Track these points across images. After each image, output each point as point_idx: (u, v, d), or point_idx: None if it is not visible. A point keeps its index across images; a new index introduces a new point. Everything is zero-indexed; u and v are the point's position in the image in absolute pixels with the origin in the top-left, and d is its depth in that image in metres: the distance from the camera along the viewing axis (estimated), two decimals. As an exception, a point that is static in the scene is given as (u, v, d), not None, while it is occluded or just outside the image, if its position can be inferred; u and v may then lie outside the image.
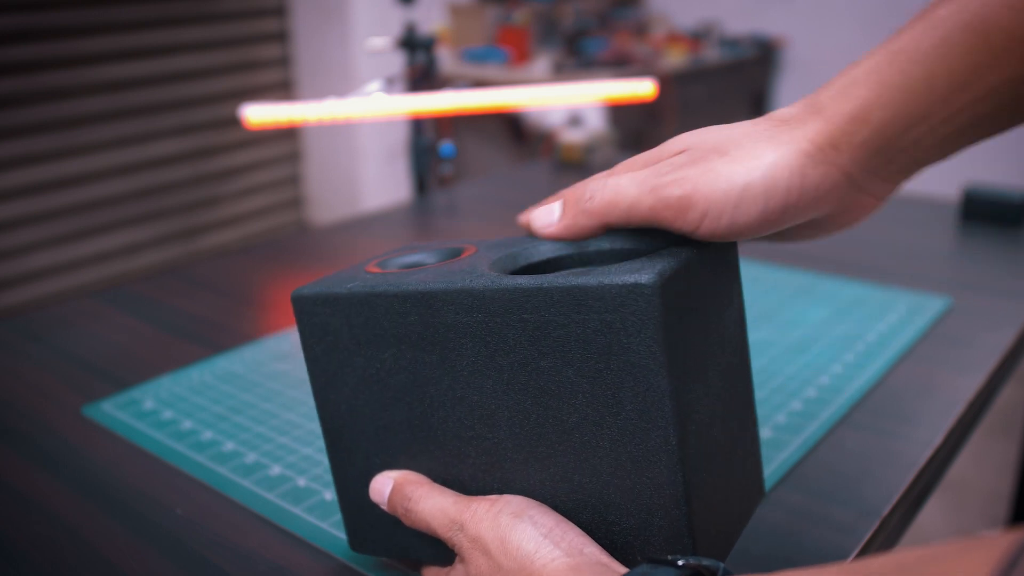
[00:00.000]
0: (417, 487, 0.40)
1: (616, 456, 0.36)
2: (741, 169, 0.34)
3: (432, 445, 0.41)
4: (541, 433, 0.37)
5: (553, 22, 3.18)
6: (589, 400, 0.35)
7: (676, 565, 0.32)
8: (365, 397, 0.42)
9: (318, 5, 2.79)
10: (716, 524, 0.38)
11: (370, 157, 2.89)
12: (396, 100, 1.16)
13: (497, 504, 0.37)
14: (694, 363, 0.36)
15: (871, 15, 3.15)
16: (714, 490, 0.37)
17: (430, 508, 0.39)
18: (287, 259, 0.97)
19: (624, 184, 0.36)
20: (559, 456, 0.37)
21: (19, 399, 0.66)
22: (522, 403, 0.37)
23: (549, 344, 0.35)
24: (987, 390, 0.69)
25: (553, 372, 0.36)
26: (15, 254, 2.34)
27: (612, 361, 0.34)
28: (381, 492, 0.42)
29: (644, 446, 0.35)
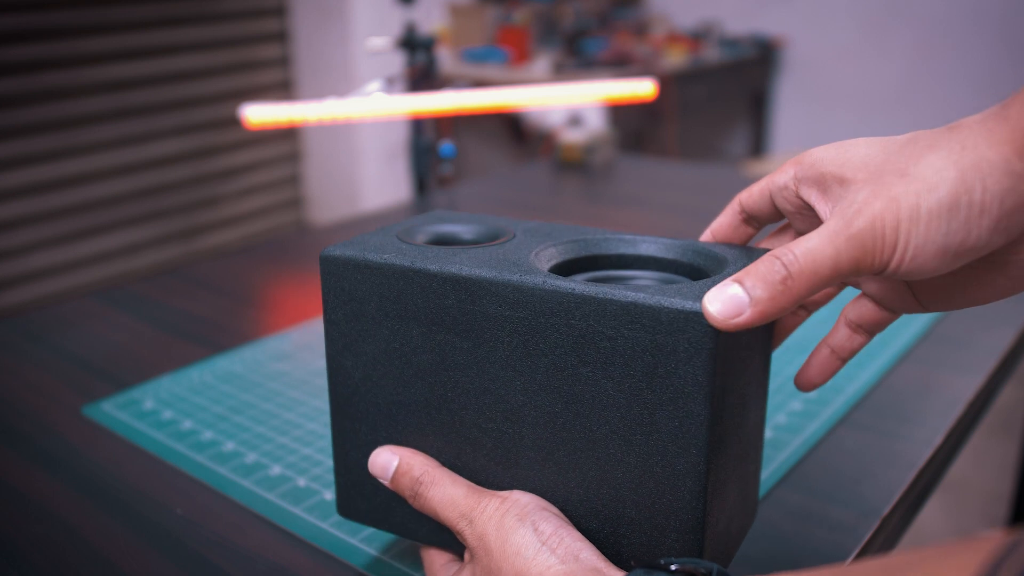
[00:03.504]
0: (430, 470, 0.40)
1: (640, 473, 0.35)
2: (924, 187, 0.30)
3: (447, 429, 0.40)
4: (566, 438, 0.37)
5: (553, 22, 3.18)
6: (623, 415, 0.35)
7: (670, 570, 0.32)
8: (383, 369, 0.41)
9: (318, 5, 2.79)
10: (719, 546, 0.38)
11: (370, 157, 2.89)
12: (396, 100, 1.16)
13: (506, 503, 0.37)
14: (731, 395, 0.35)
15: (871, 15, 3.15)
16: (721, 513, 0.37)
17: (441, 496, 0.39)
18: (287, 259, 0.97)
19: (814, 245, 0.31)
20: (579, 463, 0.37)
21: (19, 399, 0.66)
22: (552, 406, 0.37)
23: (593, 353, 0.35)
24: (987, 390, 0.69)
25: (591, 381, 0.35)
26: (15, 254, 2.34)
27: (656, 381, 0.34)
28: (385, 467, 0.41)
29: (671, 469, 0.35)
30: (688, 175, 1.29)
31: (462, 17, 2.99)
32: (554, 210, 1.12)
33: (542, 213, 1.11)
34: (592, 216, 1.09)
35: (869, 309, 0.38)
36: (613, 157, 1.38)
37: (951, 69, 3.03)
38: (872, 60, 3.19)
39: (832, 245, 0.31)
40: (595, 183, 1.26)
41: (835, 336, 0.39)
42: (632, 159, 1.40)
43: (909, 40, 3.10)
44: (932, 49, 3.06)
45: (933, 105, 3.08)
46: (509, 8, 3.07)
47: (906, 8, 3.08)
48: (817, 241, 0.31)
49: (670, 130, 2.96)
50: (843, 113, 3.30)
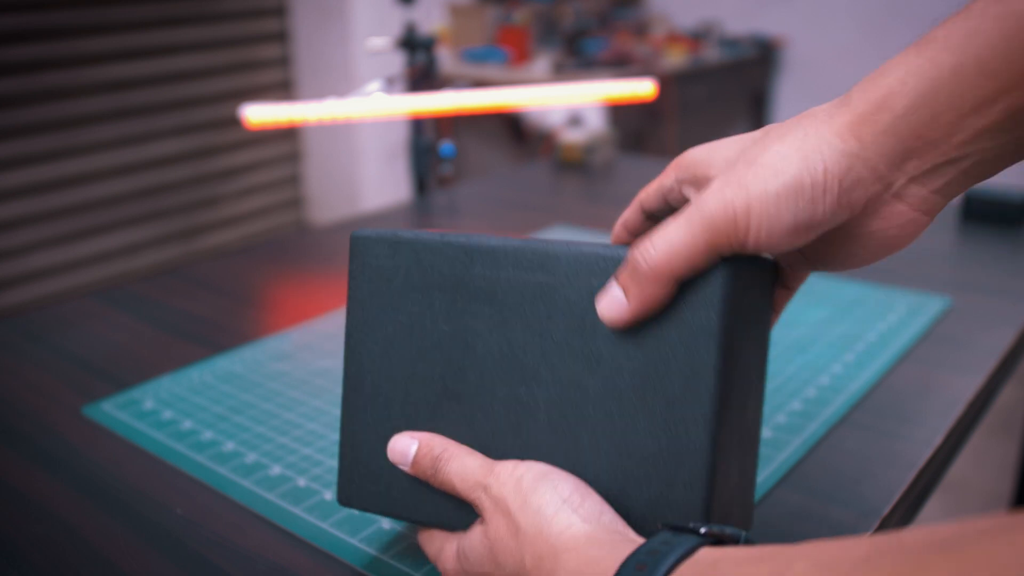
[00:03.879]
0: (449, 447, 0.41)
1: (651, 427, 0.36)
2: (770, 173, 0.34)
3: (461, 401, 0.41)
4: (580, 398, 0.38)
5: (553, 22, 3.18)
6: (639, 367, 0.37)
7: (698, 532, 0.32)
8: (402, 343, 0.42)
9: (318, 5, 2.79)
10: (723, 512, 0.38)
11: (370, 157, 2.89)
12: (396, 100, 1.16)
13: (520, 468, 0.38)
14: (737, 358, 0.37)
15: (871, 15, 3.15)
16: (726, 481, 0.38)
17: (459, 468, 0.39)
18: (287, 259, 0.97)
19: (670, 231, 0.35)
20: (592, 423, 0.38)
21: (19, 399, 0.66)
22: (570, 367, 0.38)
23: None
24: (987, 390, 0.69)
25: (610, 339, 0.37)
26: (15, 254, 2.34)
27: (670, 331, 0.36)
28: (404, 452, 0.41)
29: (682, 419, 0.36)
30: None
31: (462, 17, 2.99)
32: (554, 210, 1.12)
33: (542, 213, 1.11)
34: (592, 216, 1.09)
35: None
36: (613, 157, 1.38)
37: (951, 69, 3.03)
38: (872, 60, 3.19)
39: (688, 231, 0.34)
40: (595, 183, 1.26)
41: None
42: (632, 159, 1.40)
43: (909, 40, 3.09)
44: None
45: (933, 105, 3.08)
46: (509, 8, 3.07)
47: (906, 8, 3.08)
48: (673, 228, 0.35)
49: (670, 130, 2.96)
50: (843, 113, 3.30)
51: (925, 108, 0.32)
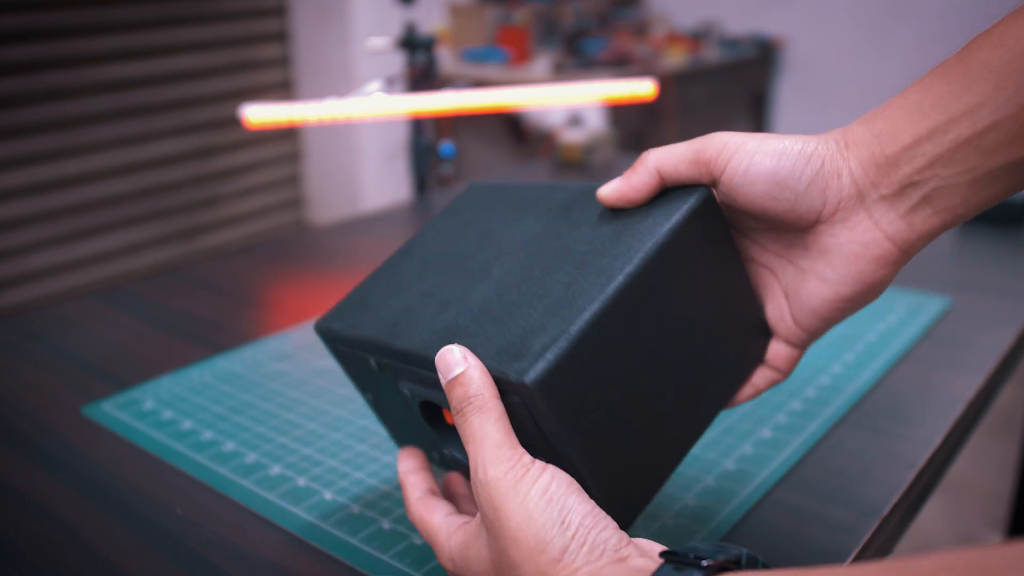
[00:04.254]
0: (484, 394, 0.36)
1: (560, 280, 0.39)
2: (765, 141, 0.39)
3: (457, 272, 0.46)
4: (537, 260, 0.42)
5: (553, 22, 3.18)
6: (590, 246, 0.40)
7: (700, 565, 0.31)
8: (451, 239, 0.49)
9: (318, 5, 2.79)
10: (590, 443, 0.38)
11: (370, 157, 2.89)
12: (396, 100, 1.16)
13: (531, 473, 0.35)
14: (671, 298, 0.39)
15: (871, 15, 3.15)
16: (593, 399, 0.37)
17: (479, 426, 0.36)
18: (287, 259, 0.97)
19: (673, 144, 0.41)
20: (528, 275, 0.41)
21: (19, 399, 0.66)
22: (536, 241, 0.44)
23: (585, 213, 0.43)
24: (987, 390, 0.69)
25: (580, 224, 0.43)
26: (15, 254, 2.34)
27: (628, 228, 0.40)
28: (450, 366, 0.37)
29: (585, 285, 0.38)
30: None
31: (462, 17, 2.99)
32: (554, 210, 1.12)
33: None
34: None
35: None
36: (613, 157, 1.38)
37: (951, 69, 3.03)
38: (872, 60, 3.19)
39: (684, 144, 0.40)
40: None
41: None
42: (632, 159, 1.40)
43: (909, 40, 3.10)
44: (932, 49, 3.06)
45: (933, 105, 3.08)
46: (509, 8, 3.07)
47: (906, 8, 3.08)
48: (676, 144, 0.41)
49: (670, 130, 2.96)
50: (843, 113, 3.30)
51: (892, 130, 0.36)
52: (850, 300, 0.39)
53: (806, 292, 0.40)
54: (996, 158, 0.34)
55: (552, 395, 0.35)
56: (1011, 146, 0.34)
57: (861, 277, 0.38)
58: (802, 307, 0.41)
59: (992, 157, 0.34)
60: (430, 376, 0.41)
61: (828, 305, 0.40)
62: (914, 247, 0.38)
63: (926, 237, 0.37)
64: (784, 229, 0.41)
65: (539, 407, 0.35)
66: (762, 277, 0.43)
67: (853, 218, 0.37)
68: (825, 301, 0.40)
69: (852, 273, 0.39)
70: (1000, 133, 0.34)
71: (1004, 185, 0.35)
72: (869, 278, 0.38)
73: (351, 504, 0.53)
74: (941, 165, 0.35)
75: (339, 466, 0.57)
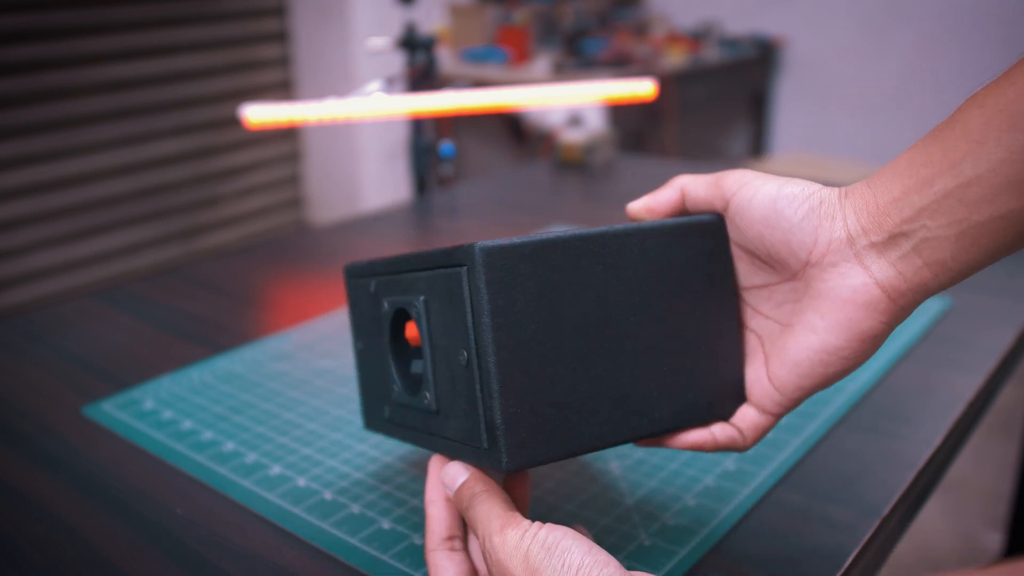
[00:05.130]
0: (488, 488, 0.40)
1: None
2: (777, 179, 0.42)
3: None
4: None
5: (553, 22, 3.18)
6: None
7: None
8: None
9: (318, 5, 2.79)
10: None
11: (370, 157, 2.89)
12: (396, 100, 1.16)
13: (526, 538, 0.37)
14: (648, 286, 0.41)
15: (871, 15, 3.15)
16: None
17: (483, 508, 0.39)
18: (287, 259, 0.98)
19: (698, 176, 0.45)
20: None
21: (19, 399, 0.66)
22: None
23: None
24: (987, 390, 0.69)
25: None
26: (15, 254, 2.34)
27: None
28: (455, 478, 0.42)
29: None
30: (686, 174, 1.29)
31: (462, 17, 2.99)
32: (554, 210, 1.12)
33: (542, 213, 1.11)
34: (592, 216, 1.09)
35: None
36: (613, 157, 1.38)
37: (951, 69, 3.03)
38: (872, 60, 3.19)
39: (710, 174, 0.44)
40: (595, 183, 1.26)
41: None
42: (632, 159, 1.40)
43: (909, 40, 3.10)
44: (932, 49, 3.06)
45: (933, 105, 3.08)
46: (509, 8, 3.07)
47: (906, 8, 3.08)
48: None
49: (670, 130, 2.96)
50: (843, 113, 3.30)
51: (884, 184, 0.38)
52: (836, 352, 0.39)
53: (792, 345, 0.41)
54: (981, 211, 0.35)
55: (493, 270, 0.37)
56: (994, 200, 0.35)
57: (849, 324, 0.38)
58: (784, 363, 0.41)
59: (977, 210, 0.35)
60: (409, 280, 0.43)
61: (813, 357, 0.40)
62: (905, 299, 0.38)
63: (918, 291, 0.37)
64: (778, 270, 0.42)
65: (477, 277, 0.37)
66: (750, 343, 0.45)
67: (843, 264, 0.39)
68: (811, 352, 0.40)
69: (840, 320, 0.39)
70: (982, 187, 0.35)
71: (993, 242, 0.36)
72: (857, 326, 0.38)
73: (351, 504, 0.53)
74: (928, 216, 0.36)
75: (339, 466, 0.57)
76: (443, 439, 0.43)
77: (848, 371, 0.40)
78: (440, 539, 0.42)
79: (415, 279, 0.43)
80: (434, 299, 0.41)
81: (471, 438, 0.40)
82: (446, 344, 0.40)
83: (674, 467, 0.56)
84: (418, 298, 0.42)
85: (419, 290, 0.42)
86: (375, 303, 0.48)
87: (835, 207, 0.39)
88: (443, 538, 0.42)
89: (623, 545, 0.48)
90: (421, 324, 0.42)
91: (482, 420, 0.38)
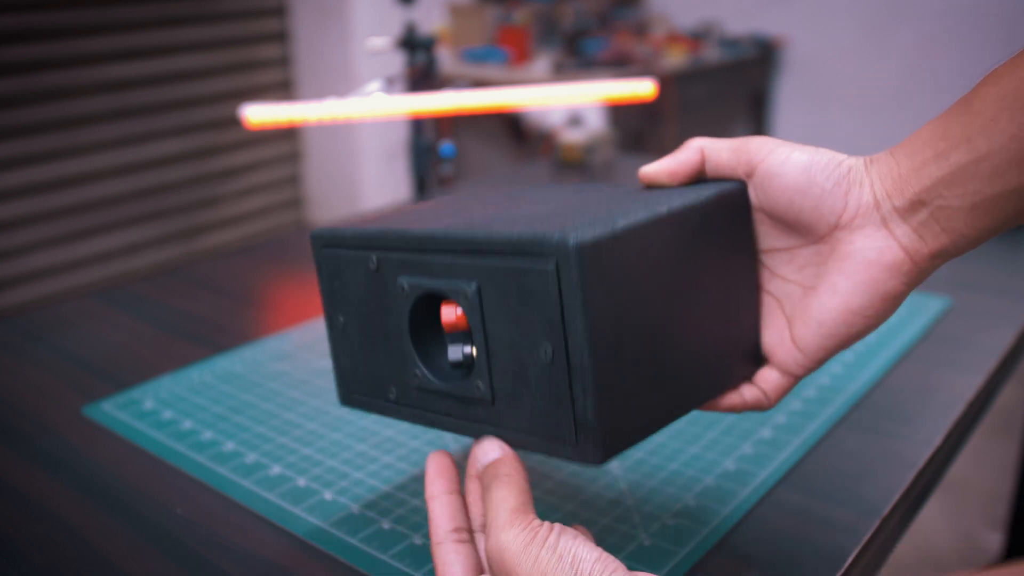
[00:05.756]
0: (515, 471, 0.40)
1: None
2: (802, 146, 0.42)
3: None
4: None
5: (553, 22, 3.18)
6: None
7: None
8: None
9: (318, 5, 2.79)
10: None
11: (370, 157, 2.89)
12: (396, 100, 1.16)
13: (535, 544, 0.36)
14: (693, 262, 0.41)
15: (871, 15, 3.15)
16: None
17: (499, 493, 0.39)
18: (287, 259, 0.97)
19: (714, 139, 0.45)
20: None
21: (19, 399, 0.66)
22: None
23: None
24: (987, 390, 0.69)
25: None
26: (15, 254, 2.34)
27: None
28: (486, 453, 0.41)
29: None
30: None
31: (462, 17, 2.99)
32: (554, 210, 1.12)
33: (542, 213, 1.11)
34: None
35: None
36: (613, 157, 1.38)
37: (951, 69, 3.03)
38: (872, 60, 3.19)
39: (729, 139, 0.44)
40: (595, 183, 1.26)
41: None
42: (632, 159, 1.40)
43: (909, 40, 3.10)
44: (932, 49, 3.06)
45: (933, 105, 3.08)
46: (509, 8, 3.07)
47: (906, 8, 3.08)
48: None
49: (670, 130, 2.96)
50: (843, 113, 3.30)
51: (906, 154, 0.40)
52: (860, 312, 0.40)
53: (816, 305, 0.42)
54: (993, 184, 0.37)
55: (587, 268, 0.36)
56: (1005, 175, 0.36)
57: (874, 285, 0.40)
58: (808, 324, 0.42)
59: (990, 183, 0.37)
60: (442, 262, 0.40)
61: (837, 317, 0.41)
62: (926, 262, 0.39)
63: (938, 255, 0.39)
64: (803, 234, 0.43)
65: (570, 275, 0.35)
66: (767, 306, 0.45)
67: (870, 226, 0.40)
68: (835, 312, 0.41)
69: (865, 280, 0.40)
70: (994, 161, 0.36)
71: (1004, 213, 0.38)
72: (881, 286, 0.40)
73: (351, 504, 0.53)
74: (944, 186, 0.38)
75: (339, 466, 0.57)
76: (493, 427, 0.41)
77: (869, 330, 0.41)
78: (446, 531, 0.41)
79: (455, 262, 0.40)
80: (493, 288, 0.39)
81: (549, 431, 0.38)
82: (512, 335, 0.39)
83: (674, 467, 0.56)
84: (469, 284, 0.39)
85: (465, 275, 0.40)
86: (377, 280, 0.45)
87: (862, 174, 0.40)
88: (449, 530, 0.41)
89: (623, 545, 0.48)
90: (473, 313, 0.40)
91: (572, 417, 0.37)
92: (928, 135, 0.39)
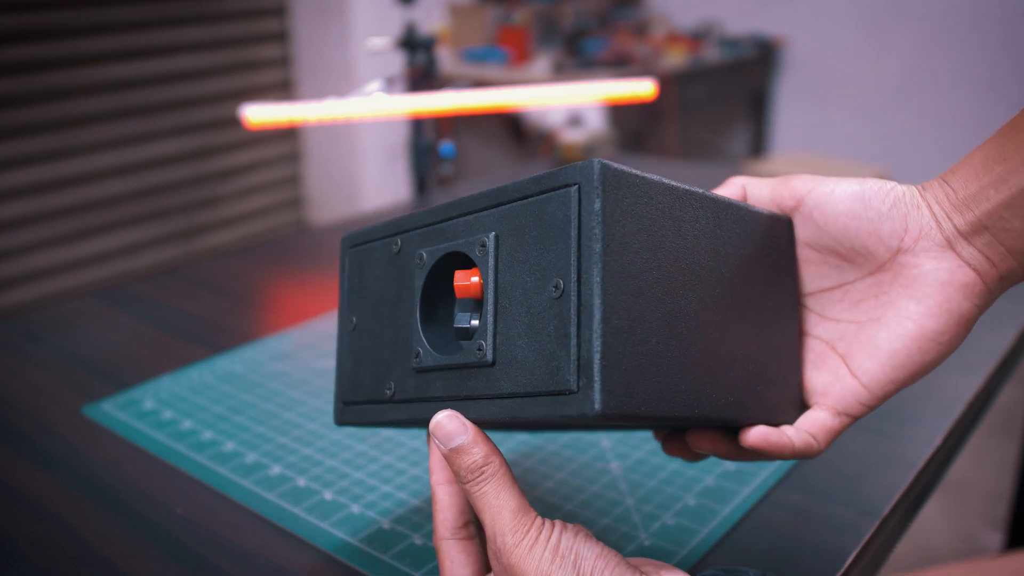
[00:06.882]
0: (494, 464, 0.38)
1: None
2: (848, 179, 0.42)
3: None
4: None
5: (553, 22, 3.18)
6: None
7: None
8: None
9: (318, 5, 2.79)
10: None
11: (370, 157, 2.89)
12: (396, 100, 1.16)
13: (538, 546, 0.36)
14: (738, 276, 0.40)
15: (871, 15, 3.15)
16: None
17: (494, 498, 0.37)
18: (287, 259, 0.97)
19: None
20: None
21: (19, 399, 0.66)
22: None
23: None
24: (987, 390, 0.69)
25: None
26: (15, 254, 2.34)
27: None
28: (451, 435, 0.38)
29: None
30: (688, 175, 1.29)
31: (462, 17, 2.99)
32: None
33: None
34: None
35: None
36: (613, 157, 1.38)
37: (951, 69, 3.03)
38: (872, 60, 3.19)
39: (762, 179, 0.44)
40: (595, 183, 1.25)
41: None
42: (632, 159, 1.40)
43: (909, 40, 3.10)
44: (932, 49, 3.06)
45: (933, 105, 3.08)
46: (509, 8, 3.07)
47: (906, 8, 3.08)
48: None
49: (670, 130, 2.96)
50: (843, 113, 3.30)
51: (961, 180, 0.39)
52: (935, 337, 0.39)
53: (884, 336, 0.40)
54: None
55: (610, 191, 0.36)
56: None
57: (948, 307, 0.39)
58: (875, 356, 0.40)
59: None
60: (464, 224, 0.41)
61: (911, 344, 0.39)
62: (996, 284, 0.39)
63: (1006, 277, 0.38)
64: (860, 264, 0.41)
65: (592, 195, 0.36)
66: (814, 350, 0.43)
67: (935, 248, 0.39)
68: (907, 339, 0.39)
69: (939, 303, 0.39)
70: None
71: None
72: (957, 308, 0.39)
73: (351, 504, 0.53)
74: (1005, 208, 0.37)
75: (339, 466, 0.57)
76: (488, 399, 0.39)
77: (941, 358, 0.40)
78: (452, 527, 0.40)
79: (476, 220, 0.40)
80: (511, 233, 0.38)
81: (548, 384, 0.36)
82: (523, 282, 0.38)
83: (674, 467, 0.56)
84: (488, 235, 0.39)
85: (484, 229, 0.40)
86: (397, 264, 0.45)
87: (918, 198, 0.40)
88: (456, 526, 0.40)
89: (623, 545, 0.48)
90: (487, 264, 0.39)
91: (573, 358, 0.35)
92: (982, 159, 0.38)
